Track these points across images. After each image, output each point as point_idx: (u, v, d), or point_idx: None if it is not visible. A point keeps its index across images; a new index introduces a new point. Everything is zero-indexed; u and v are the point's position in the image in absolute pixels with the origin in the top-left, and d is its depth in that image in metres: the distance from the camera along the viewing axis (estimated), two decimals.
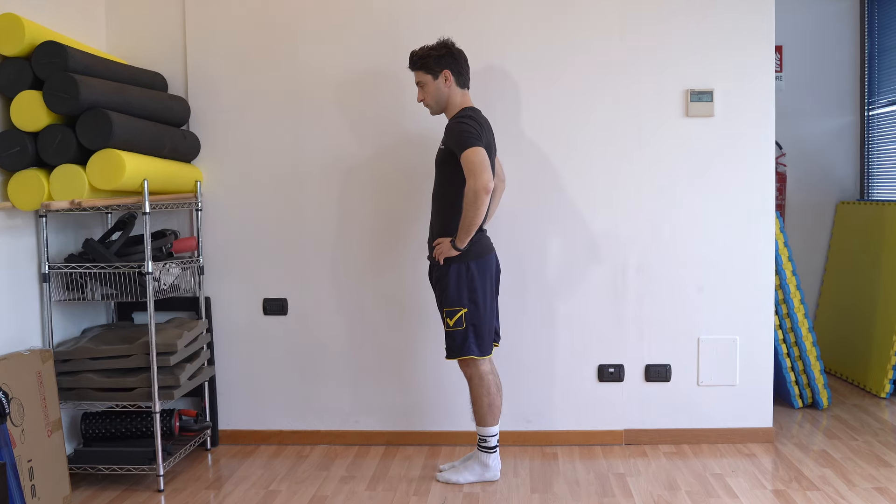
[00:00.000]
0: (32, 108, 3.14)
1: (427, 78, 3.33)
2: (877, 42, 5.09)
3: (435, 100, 3.35)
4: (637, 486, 3.37)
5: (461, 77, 3.35)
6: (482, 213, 3.14)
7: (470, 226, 3.16)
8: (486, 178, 3.11)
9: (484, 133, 3.23)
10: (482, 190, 3.10)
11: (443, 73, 3.31)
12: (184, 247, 3.77)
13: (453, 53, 3.33)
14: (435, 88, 3.33)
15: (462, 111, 3.31)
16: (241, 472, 3.64)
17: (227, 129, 3.93)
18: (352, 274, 3.93)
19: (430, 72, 3.32)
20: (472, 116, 3.26)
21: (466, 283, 3.28)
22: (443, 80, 3.32)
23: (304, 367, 3.98)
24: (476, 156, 3.13)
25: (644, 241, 3.84)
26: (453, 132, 3.23)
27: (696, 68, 3.78)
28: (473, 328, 3.30)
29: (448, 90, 3.33)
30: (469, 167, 3.14)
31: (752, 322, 3.84)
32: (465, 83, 3.37)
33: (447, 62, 3.31)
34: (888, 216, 4.71)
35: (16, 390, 3.03)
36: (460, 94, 3.36)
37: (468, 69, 3.38)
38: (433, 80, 3.32)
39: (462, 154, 3.15)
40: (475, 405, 3.37)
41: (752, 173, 3.80)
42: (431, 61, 3.31)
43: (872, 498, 3.17)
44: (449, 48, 3.33)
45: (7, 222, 3.27)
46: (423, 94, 3.36)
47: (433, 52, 3.31)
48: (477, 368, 3.33)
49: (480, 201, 3.11)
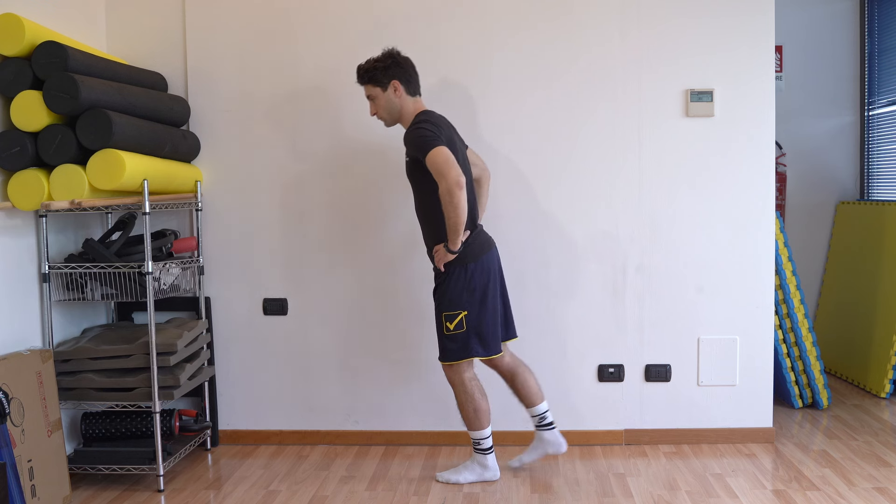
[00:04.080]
0: (32, 108, 3.14)
1: (377, 91, 3.33)
2: (877, 42, 5.09)
3: (387, 111, 3.35)
4: (637, 486, 3.37)
5: (410, 85, 3.34)
6: (463, 209, 3.13)
7: (456, 225, 3.15)
8: (454, 174, 3.10)
9: (442, 131, 3.22)
10: (454, 186, 3.09)
11: (391, 83, 3.30)
12: (184, 247, 3.78)
13: (399, 63, 3.32)
14: (386, 100, 3.33)
15: (416, 117, 3.30)
16: (241, 472, 3.64)
17: (227, 129, 3.93)
18: (352, 274, 3.93)
19: (379, 84, 3.31)
20: (427, 119, 3.25)
21: (465, 284, 3.27)
22: (392, 90, 3.31)
23: (304, 366, 3.98)
24: (438, 156, 3.13)
25: (644, 241, 3.84)
26: (412, 140, 3.23)
27: (696, 68, 3.78)
28: (475, 329, 3.29)
29: (399, 100, 3.32)
30: (435, 168, 3.14)
31: (752, 322, 3.84)
32: (416, 90, 3.36)
33: (394, 72, 3.30)
34: (888, 216, 4.71)
35: (16, 390, 3.03)
36: (412, 101, 3.35)
37: (417, 76, 3.37)
38: (383, 93, 3.32)
39: (426, 158, 3.15)
40: (462, 411, 3.38)
41: (752, 173, 3.80)
42: (379, 73, 3.30)
43: (872, 498, 3.17)
44: (394, 58, 3.32)
45: (7, 222, 3.27)
46: (375, 107, 3.36)
47: (379, 64, 3.30)
48: (460, 375, 3.33)
49: (456, 198, 3.10)
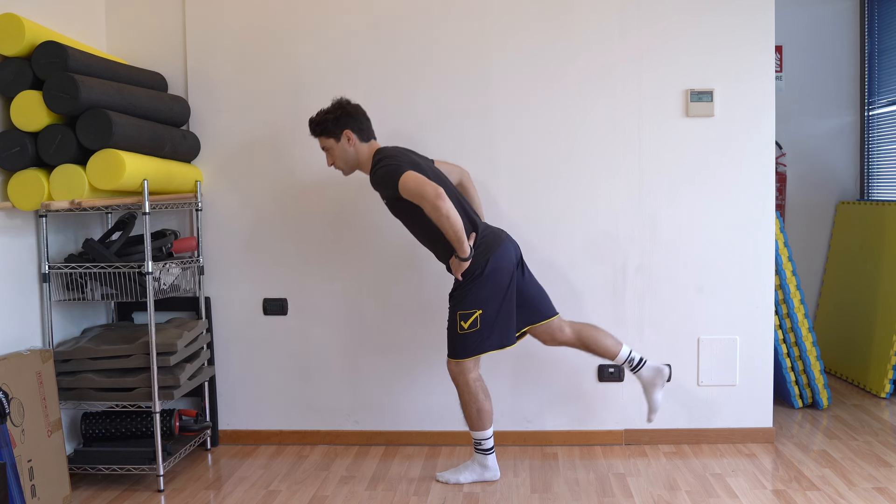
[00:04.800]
0: (32, 108, 3.14)
1: (330, 142, 3.35)
2: (877, 42, 5.09)
3: (343, 161, 3.38)
4: (637, 486, 3.37)
5: (363, 132, 3.35)
6: (455, 217, 3.14)
7: (456, 233, 3.16)
8: (430, 189, 3.11)
9: (401, 159, 3.25)
10: (435, 200, 3.10)
11: (344, 133, 3.32)
12: (184, 247, 3.78)
13: (349, 112, 3.33)
14: (341, 150, 3.35)
15: (373, 160, 3.32)
16: (241, 472, 3.64)
17: (227, 129, 3.93)
18: (352, 274, 3.93)
19: (332, 135, 3.33)
20: (382, 157, 3.28)
21: (483, 285, 3.28)
22: (346, 140, 3.33)
23: (304, 367, 3.98)
24: (408, 181, 3.15)
25: (644, 241, 3.84)
26: (379, 181, 3.26)
27: (696, 68, 3.78)
28: (488, 327, 3.29)
29: (354, 149, 3.34)
30: (411, 193, 3.16)
31: (752, 322, 3.84)
32: (369, 136, 3.38)
33: (345, 122, 3.32)
34: (888, 216, 4.71)
35: (16, 390, 3.03)
36: (367, 147, 3.36)
37: (368, 122, 3.39)
38: (337, 143, 3.34)
39: (399, 189, 3.18)
40: (465, 411, 3.38)
41: (751, 173, 3.80)
42: (330, 124, 3.32)
43: (872, 498, 3.17)
44: (344, 107, 3.34)
45: (7, 222, 3.27)
46: (331, 157, 3.39)
47: (329, 116, 3.32)
48: (465, 375, 3.33)
49: (444, 209, 3.11)
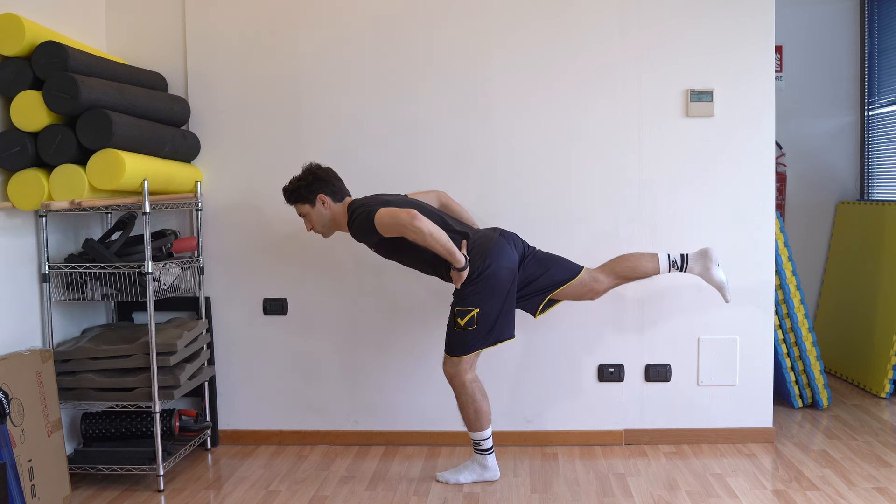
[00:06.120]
0: (32, 108, 3.14)
1: (306, 208, 3.40)
2: (877, 42, 5.09)
3: (321, 225, 3.42)
4: (637, 486, 3.37)
5: (336, 194, 3.40)
6: (437, 232, 3.16)
7: (444, 246, 3.18)
8: (403, 215, 3.14)
9: (373, 202, 3.30)
10: (412, 222, 3.12)
11: (318, 198, 3.37)
12: (184, 247, 3.78)
13: (320, 177, 3.38)
14: (317, 214, 3.40)
15: (349, 215, 3.36)
16: (241, 472, 3.64)
17: (227, 129, 3.93)
18: (352, 274, 3.93)
19: (307, 201, 3.38)
20: (354, 209, 3.34)
21: (478, 285, 3.28)
22: (321, 204, 3.38)
23: (304, 367, 3.98)
24: (383, 216, 3.20)
25: (644, 241, 3.83)
26: (358, 231, 3.32)
27: (696, 68, 3.78)
28: (486, 326, 3.30)
29: (329, 211, 3.39)
30: (389, 227, 3.20)
31: (752, 322, 3.84)
32: (342, 196, 3.43)
33: (318, 187, 3.36)
34: (888, 216, 4.71)
35: (16, 390, 3.03)
36: (341, 206, 3.41)
37: (340, 182, 3.43)
38: (312, 208, 3.39)
39: (379, 230, 3.22)
40: (463, 412, 3.39)
41: (752, 173, 3.80)
42: (304, 191, 3.37)
43: (872, 498, 3.17)
44: (314, 173, 3.38)
45: (7, 222, 3.27)
46: (309, 223, 3.43)
47: (302, 183, 3.37)
48: (461, 376, 3.33)
49: (424, 229, 3.13)
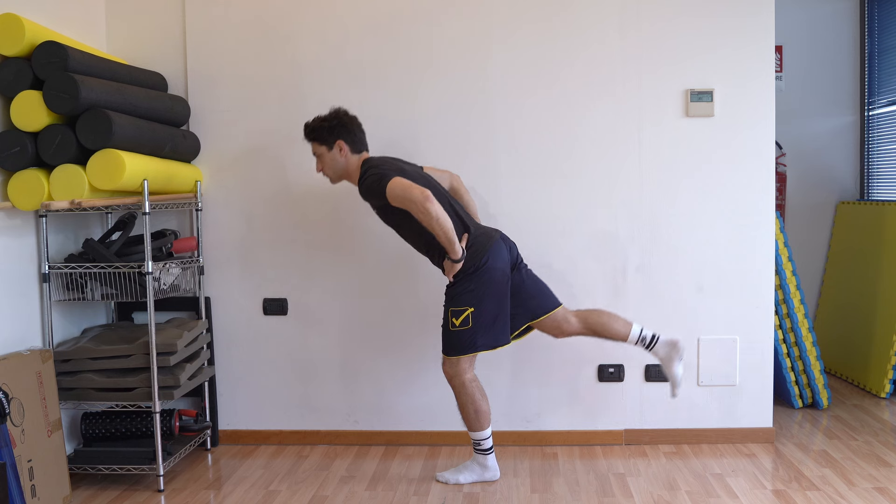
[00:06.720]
0: (32, 108, 3.14)
1: (322, 149, 3.37)
2: (877, 42, 5.09)
3: (332, 170, 3.40)
4: (637, 486, 3.37)
5: (355, 144, 3.38)
6: (444, 218, 3.14)
7: (446, 234, 3.16)
8: (416, 192, 3.12)
9: (389, 166, 3.27)
10: (423, 202, 3.11)
11: (337, 143, 3.34)
12: (184, 247, 3.78)
13: (345, 123, 3.36)
14: (331, 159, 3.37)
15: (360, 171, 3.34)
16: (241, 472, 3.64)
17: (227, 129, 3.93)
18: (352, 274, 3.93)
19: (325, 143, 3.35)
20: (369, 167, 3.30)
21: (475, 283, 3.28)
22: (337, 150, 3.35)
23: (304, 366, 3.98)
24: (395, 187, 3.16)
25: (644, 241, 3.84)
26: (367, 190, 3.28)
27: (696, 68, 3.78)
28: (481, 326, 3.29)
29: (344, 159, 3.37)
30: (399, 199, 3.17)
31: (752, 322, 3.84)
32: (361, 148, 3.40)
33: (339, 132, 3.34)
34: (888, 216, 4.71)
35: (16, 390, 3.03)
36: (357, 158, 3.38)
37: (363, 134, 3.41)
38: (328, 151, 3.36)
39: (387, 197, 3.19)
40: (463, 412, 3.39)
41: (752, 173, 3.80)
42: (325, 132, 3.34)
43: (872, 498, 3.17)
44: (340, 118, 3.36)
45: (7, 222, 3.27)
46: (321, 164, 3.41)
47: (325, 124, 3.34)
48: (460, 377, 3.33)
49: (432, 213, 3.12)
